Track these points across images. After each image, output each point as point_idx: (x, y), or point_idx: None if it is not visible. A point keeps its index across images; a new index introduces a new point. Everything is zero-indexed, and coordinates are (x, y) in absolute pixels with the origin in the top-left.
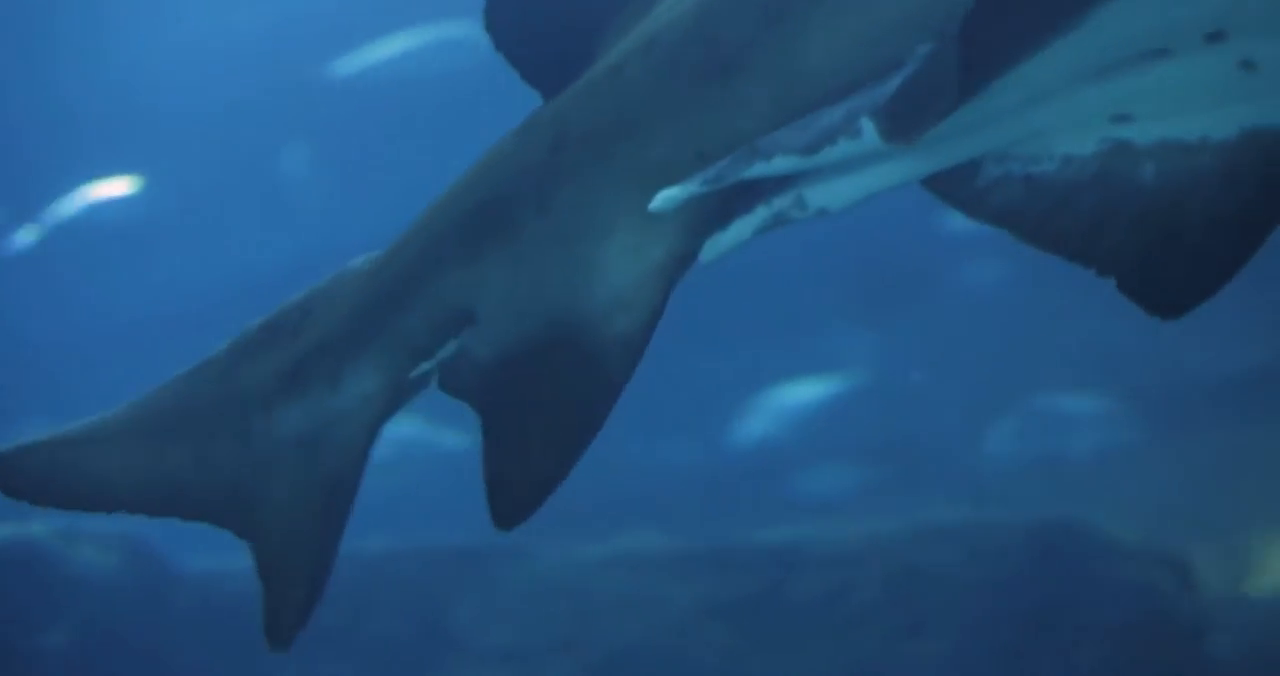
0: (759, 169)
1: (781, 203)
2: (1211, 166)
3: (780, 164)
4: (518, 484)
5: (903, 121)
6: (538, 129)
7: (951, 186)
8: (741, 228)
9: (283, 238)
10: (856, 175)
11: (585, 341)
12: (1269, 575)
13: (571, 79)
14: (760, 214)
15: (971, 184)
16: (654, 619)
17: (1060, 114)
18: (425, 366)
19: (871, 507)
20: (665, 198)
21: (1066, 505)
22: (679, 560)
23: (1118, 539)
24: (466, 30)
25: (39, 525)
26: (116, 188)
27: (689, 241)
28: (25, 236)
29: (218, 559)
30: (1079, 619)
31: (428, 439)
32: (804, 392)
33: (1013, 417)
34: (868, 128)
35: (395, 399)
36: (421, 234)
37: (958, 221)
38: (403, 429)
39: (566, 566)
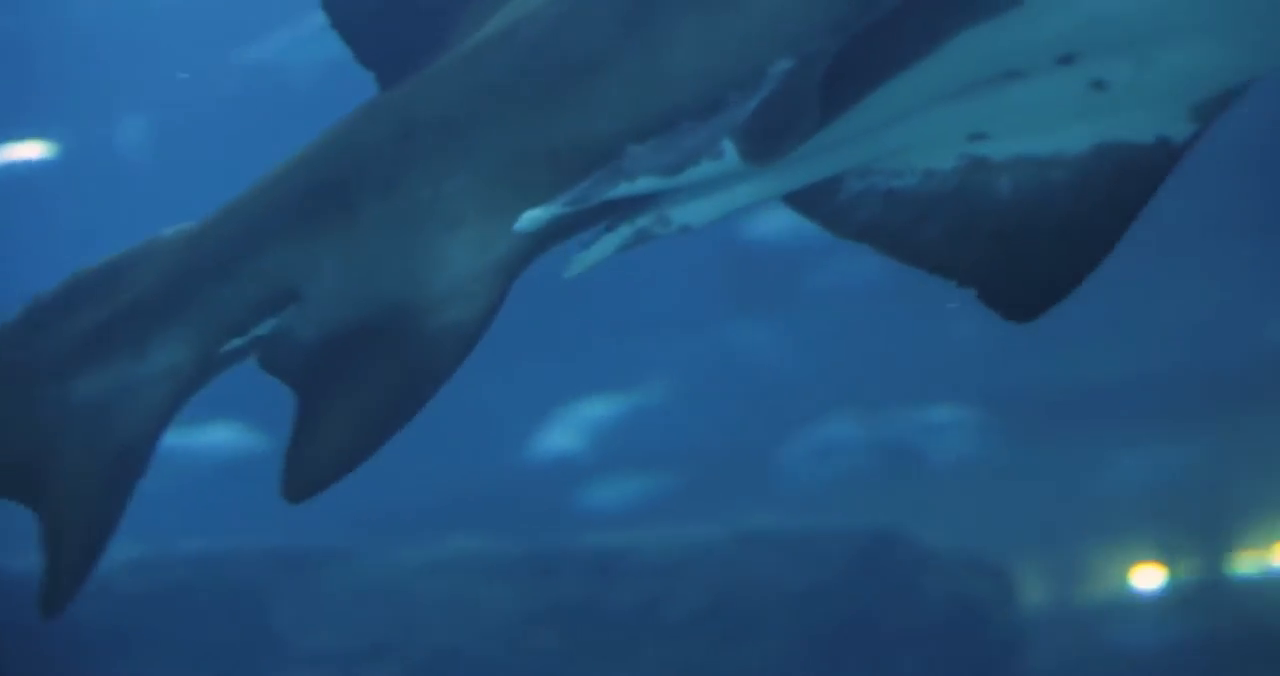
0: (623, 189)
1: (644, 220)
2: (1065, 179)
3: (643, 184)
4: (320, 458)
5: (763, 143)
6: (385, 113)
7: (814, 202)
8: (605, 245)
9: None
10: (720, 193)
11: (417, 327)
12: (1097, 586)
13: (412, 65)
14: (623, 231)
15: (834, 199)
16: (476, 623)
17: (919, 132)
18: (238, 342)
19: (695, 514)
20: (528, 219)
21: (898, 513)
22: (503, 565)
23: (939, 548)
24: None
25: None
26: (29, 151)
27: (535, 241)
28: None
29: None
30: (897, 627)
31: (254, 439)
32: (608, 404)
33: (848, 426)
34: (729, 148)
35: (202, 372)
36: (249, 207)
37: (792, 227)
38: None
39: (388, 570)
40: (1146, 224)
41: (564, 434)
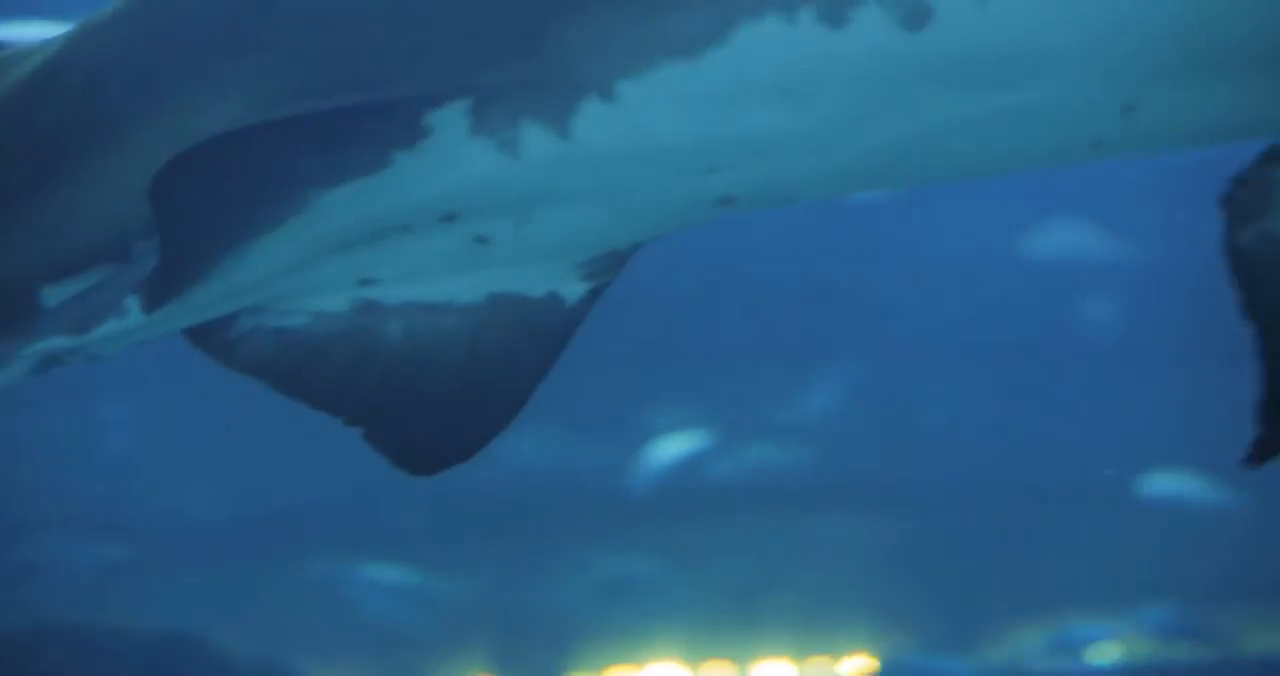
0: (38, 348)
1: (55, 348)
2: (458, 327)
3: (55, 343)
4: None
5: (156, 300)
6: None
7: (205, 336)
8: (14, 371)
9: None
10: (125, 334)
11: None
12: None
13: None
14: (31, 358)
15: (224, 335)
16: None
17: (308, 279)
18: None
19: None
20: None
21: (200, 619)
22: None
23: (231, 654)
24: None
25: None
26: None
27: None
28: None
29: None
30: None
31: None
32: None
33: None
34: (133, 306)
35: None
36: None
37: None
38: None
39: None
40: None
41: None
